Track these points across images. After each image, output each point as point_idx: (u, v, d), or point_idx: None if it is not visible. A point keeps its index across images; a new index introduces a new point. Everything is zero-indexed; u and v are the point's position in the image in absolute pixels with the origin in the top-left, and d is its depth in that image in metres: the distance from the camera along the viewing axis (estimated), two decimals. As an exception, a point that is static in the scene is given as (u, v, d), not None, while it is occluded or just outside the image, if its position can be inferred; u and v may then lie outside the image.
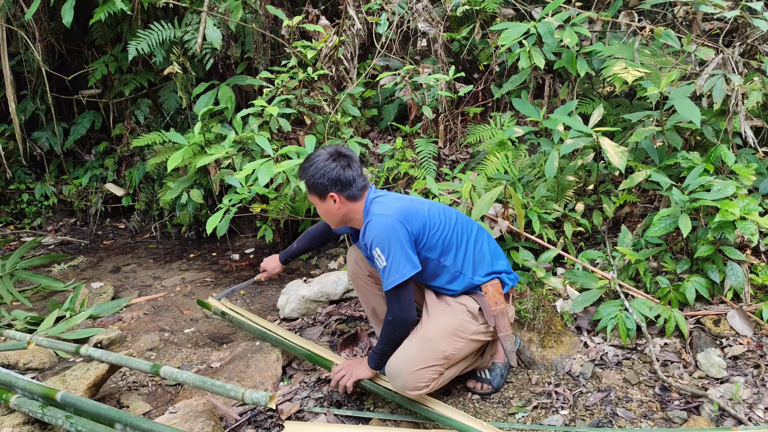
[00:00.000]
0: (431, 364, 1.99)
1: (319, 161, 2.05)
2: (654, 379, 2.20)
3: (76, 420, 1.88)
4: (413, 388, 1.98)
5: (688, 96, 2.62)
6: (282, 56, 4.12)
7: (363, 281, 2.36)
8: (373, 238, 1.97)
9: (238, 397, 1.92)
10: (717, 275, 2.45)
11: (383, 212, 2.00)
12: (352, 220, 2.15)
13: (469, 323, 2.07)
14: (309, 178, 2.07)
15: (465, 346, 2.06)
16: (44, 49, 4.80)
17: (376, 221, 1.99)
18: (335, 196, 2.05)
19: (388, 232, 1.96)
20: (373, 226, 1.99)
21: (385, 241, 1.95)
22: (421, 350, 2.01)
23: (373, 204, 2.07)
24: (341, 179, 2.04)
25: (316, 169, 2.04)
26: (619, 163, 2.62)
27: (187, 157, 3.71)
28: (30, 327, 3.01)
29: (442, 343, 2.02)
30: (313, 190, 2.08)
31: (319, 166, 2.04)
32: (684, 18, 3.15)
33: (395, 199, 2.10)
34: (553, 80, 3.48)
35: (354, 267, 2.38)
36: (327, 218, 2.17)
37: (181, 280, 3.88)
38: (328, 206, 2.09)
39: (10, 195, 5.33)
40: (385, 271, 1.95)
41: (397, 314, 1.99)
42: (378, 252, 1.96)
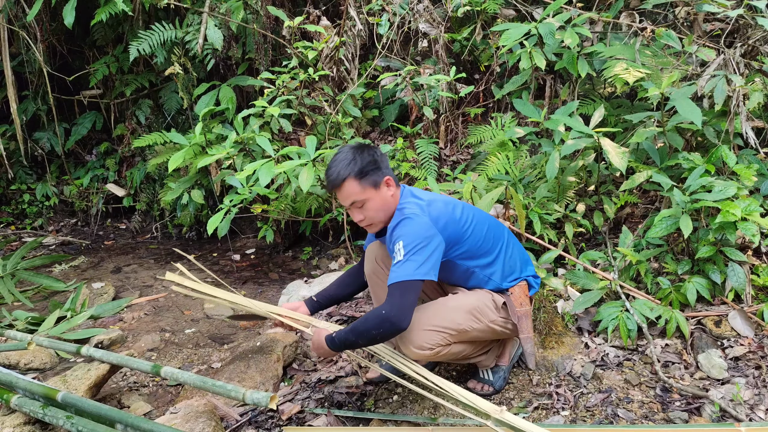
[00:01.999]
0: (443, 329, 1.96)
1: (361, 152, 1.94)
2: (655, 380, 2.19)
3: (77, 420, 1.88)
4: (418, 347, 1.94)
5: (689, 97, 2.61)
6: (283, 57, 4.12)
7: (382, 280, 2.23)
8: (402, 234, 1.89)
9: (238, 398, 1.92)
10: (718, 276, 2.45)
11: (422, 214, 1.93)
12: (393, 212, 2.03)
13: (489, 310, 2.05)
14: (363, 167, 1.92)
15: (479, 328, 2.03)
16: (46, 50, 4.80)
17: (415, 221, 1.90)
18: (390, 180, 1.97)
19: (421, 233, 1.87)
20: (409, 224, 1.90)
21: (413, 238, 1.86)
22: (437, 313, 1.98)
23: (411, 200, 1.98)
24: (387, 162, 1.98)
25: (367, 157, 1.93)
26: (620, 163, 2.61)
27: (188, 157, 3.72)
28: (31, 327, 3.01)
29: (459, 315, 1.99)
30: (367, 180, 1.93)
31: (368, 153, 1.94)
32: (685, 19, 3.15)
33: (433, 200, 2.00)
34: (554, 81, 3.48)
35: (374, 265, 2.25)
36: (380, 215, 1.99)
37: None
38: (383, 195, 1.96)
39: (12, 195, 5.34)
40: (397, 264, 1.86)
41: (392, 312, 1.81)
42: (400, 245, 1.87)
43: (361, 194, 1.94)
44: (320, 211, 3.71)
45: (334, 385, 2.39)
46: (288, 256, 4.21)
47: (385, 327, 1.82)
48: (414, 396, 2.26)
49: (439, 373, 2.40)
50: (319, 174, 3.16)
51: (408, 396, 2.27)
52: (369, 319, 1.85)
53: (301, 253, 4.14)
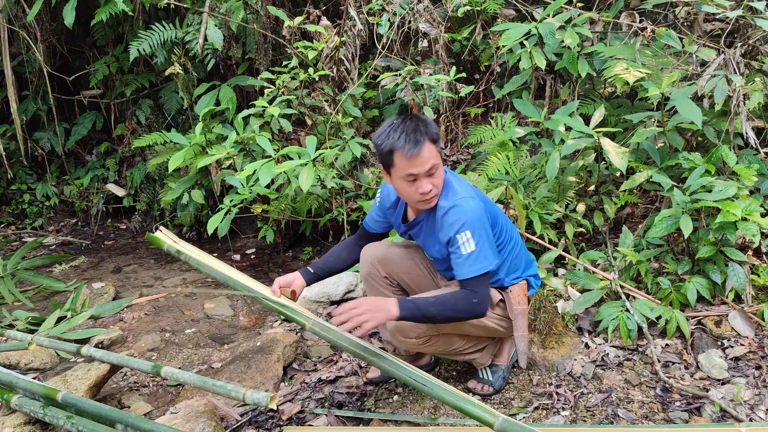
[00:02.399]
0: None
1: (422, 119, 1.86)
2: (655, 380, 2.19)
3: (77, 420, 1.88)
4: (404, 335, 1.94)
5: (689, 97, 2.61)
6: (283, 57, 4.12)
7: (378, 283, 2.21)
8: (465, 221, 1.83)
9: (239, 398, 1.92)
10: (718, 276, 2.45)
11: (472, 196, 1.90)
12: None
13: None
14: (436, 131, 1.86)
15: (471, 323, 2.01)
16: (46, 50, 4.80)
17: (468, 204, 1.85)
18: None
19: (480, 218, 1.85)
20: (464, 209, 1.84)
21: (476, 226, 1.83)
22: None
23: (452, 182, 1.93)
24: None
25: (432, 125, 1.87)
26: (620, 163, 2.61)
27: (189, 157, 3.72)
28: (31, 327, 3.01)
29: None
30: (437, 145, 1.87)
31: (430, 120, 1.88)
32: (685, 19, 3.15)
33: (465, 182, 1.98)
34: (554, 81, 3.48)
35: (369, 268, 2.19)
36: (441, 183, 1.90)
37: (182, 281, 3.89)
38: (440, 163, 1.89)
39: (12, 195, 5.34)
40: (471, 256, 1.82)
41: (481, 301, 1.83)
42: (467, 235, 1.82)
43: (437, 158, 1.85)
44: (320, 211, 3.71)
45: (335, 385, 2.39)
46: (288, 256, 4.21)
47: (472, 313, 1.84)
48: (414, 396, 2.26)
49: (439, 372, 2.40)
50: (319, 174, 3.16)
51: (408, 396, 2.27)
52: (459, 299, 1.83)
53: (302, 253, 4.14)
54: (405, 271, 2.19)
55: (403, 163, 1.81)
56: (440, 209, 1.89)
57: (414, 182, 1.85)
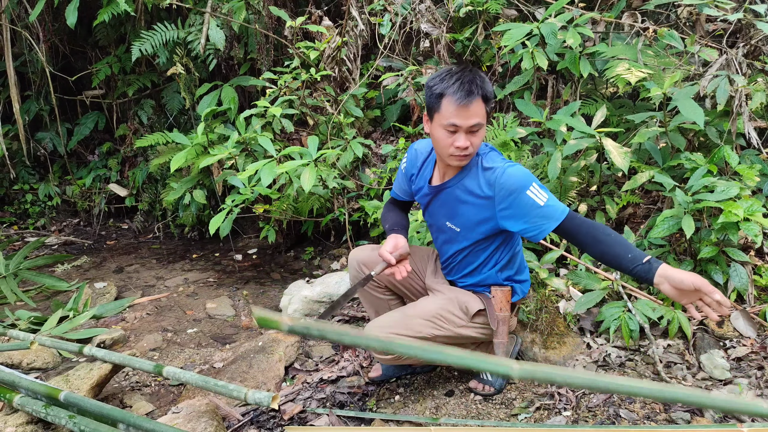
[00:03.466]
0: (400, 336, 1.92)
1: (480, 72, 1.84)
2: (657, 381, 2.19)
3: (80, 420, 1.89)
4: (378, 351, 1.93)
5: (691, 97, 2.61)
6: (285, 57, 4.12)
7: (367, 287, 2.25)
8: (525, 178, 1.82)
9: (240, 398, 1.92)
10: (720, 277, 2.45)
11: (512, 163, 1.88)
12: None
13: (456, 317, 2.03)
14: (490, 90, 1.82)
15: (443, 335, 2.00)
16: (48, 50, 4.81)
17: (519, 166, 1.85)
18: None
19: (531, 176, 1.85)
20: (519, 169, 1.84)
21: (536, 181, 1.84)
22: (398, 319, 1.98)
23: (493, 151, 1.94)
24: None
25: (489, 83, 1.84)
26: (622, 164, 2.61)
27: (190, 157, 3.72)
28: (34, 327, 3.02)
29: (418, 323, 1.97)
30: (488, 104, 1.83)
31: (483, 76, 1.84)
32: (687, 19, 3.14)
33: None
34: (556, 81, 3.47)
35: (356, 272, 2.23)
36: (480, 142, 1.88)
37: (184, 281, 3.89)
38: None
39: (14, 195, 5.35)
40: (547, 206, 1.80)
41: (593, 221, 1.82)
42: (536, 188, 1.80)
43: (484, 117, 1.82)
44: (322, 211, 3.71)
45: (336, 385, 2.39)
46: (290, 256, 4.21)
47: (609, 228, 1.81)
48: (416, 396, 2.26)
49: (441, 372, 2.40)
50: (321, 174, 3.16)
51: (410, 396, 2.27)
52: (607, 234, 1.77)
53: (303, 253, 4.14)
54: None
55: (449, 110, 1.77)
56: (488, 170, 1.87)
57: (453, 134, 1.81)
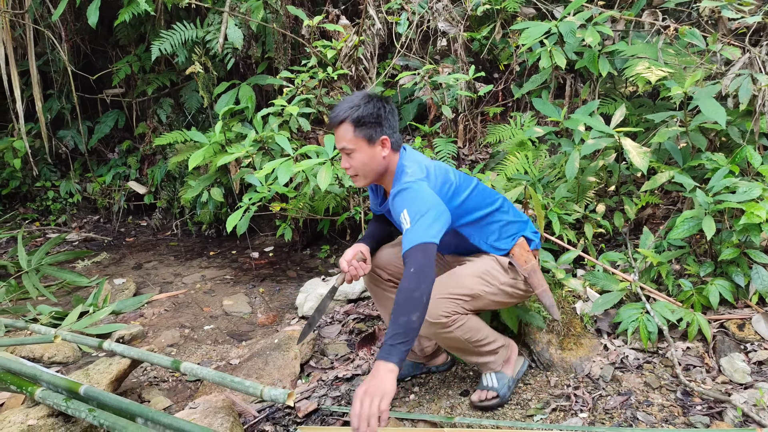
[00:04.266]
0: (456, 296, 1.92)
1: (371, 100, 1.86)
2: (675, 384, 2.17)
3: (99, 413, 1.91)
4: (434, 317, 1.88)
5: (713, 96, 2.57)
6: (302, 56, 4.14)
7: (382, 287, 2.24)
8: (407, 202, 1.82)
9: (256, 394, 1.94)
10: (742, 279, 2.41)
11: (424, 180, 1.88)
12: (384, 177, 1.99)
13: (499, 273, 2.03)
14: (363, 116, 1.84)
15: (491, 291, 2.00)
16: (70, 50, 4.89)
17: (418, 189, 1.84)
18: (387, 140, 1.89)
19: (425, 200, 1.81)
20: (412, 192, 1.83)
21: (418, 205, 1.79)
22: (448, 281, 1.96)
23: (412, 164, 1.92)
24: (393, 123, 1.90)
25: (372, 108, 1.85)
26: (641, 164, 2.58)
27: (208, 155, 3.75)
28: (55, 322, 3.07)
29: (470, 280, 1.97)
30: (363, 131, 1.86)
31: (374, 105, 1.86)
32: (709, 17, 3.09)
33: (433, 164, 1.97)
34: (574, 80, 3.44)
35: (372, 276, 2.23)
36: (365, 170, 1.93)
37: (201, 278, 3.93)
38: (374, 153, 1.89)
39: (36, 192, 5.45)
40: (408, 230, 1.76)
41: (421, 266, 1.68)
42: (405, 214, 1.79)
43: (352, 143, 1.88)
44: (338, 209, 3.72)
45: (351, 383, 2.40)
46: (306, 255, 4.23)
47: (424, 282, 1.66)
48: (431, 395, 2.26)
49: (456, 372, 2.39)
50: (338, 173, 3.17)
51: (425, 395, 2.27)
52: (405, 288, 1.64)
53: (319, 252, 4.16)
54: (391, 262, 2.21)
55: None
56: (391, 195, 1.92)
57: (341, 153, 1.95)
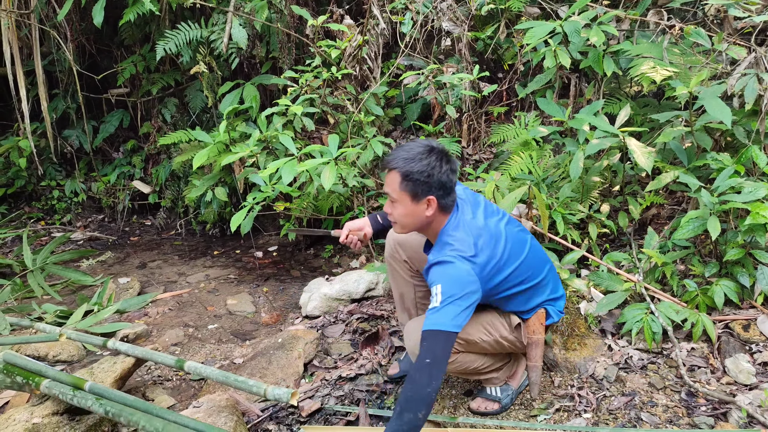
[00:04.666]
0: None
1: (430, 157, 1.78)
2: (680, 384, 2.16)
3: (106, 402, 1.92)
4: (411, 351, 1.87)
5: (718, 96, 2.56)
6: (306, 56, 4.15)
7: (398, 265, 2.24)
8: (444, 279, 1.75)
9: (260, 393, 1.94)
10: (747, 279, 2.39)
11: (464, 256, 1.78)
12: (426, 230, 1.92)
13: (503, 327, 2.02)
14: (413, 172, 1.77)
15: (488, 341, 2.01)
16: (75, 49, 4.91)
17: (458, 269, 1.75)
18: (433, 201, 1.81)
19: (462, 284, 1.74)
20: (451, 270, 1.76)
21: (453, 288, 1.73)
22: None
23: (461, 234, 1.82)
24: (447, 184, 1.81)
25: (426, 166, 1.77)
26: (646, 164, 2.57)
27: (213, 155, 3.76)
28: (59, 320, 3.08)
29: (471, 327, 1.95)
30: (410, 187, 1.79)
31: (430, 163, 1.77)
32: (715, 16, 3.08)
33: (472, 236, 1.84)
34: (578, 80, 3.43)
35: (391, 251, 2.23)
36: (404, 220, 1.87)
37: (205, 277, 3.94)
38: (417, 210, 1.82)
39: (42, 191, 5.47)
40: (435, 310, 1.71)
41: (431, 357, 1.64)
42: (438, 289, 1.73)
43: (396, 193, 1.83)
44: (342, 209, 3.73)
45: (355, 383, 2.40)
46: (309, 254, 4.23)
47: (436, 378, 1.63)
48: (434, 395, 2.25)
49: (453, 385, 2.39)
50: (341, 172, 3.17)
51: (428, 395, 2.26)
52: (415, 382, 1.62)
53: (323, 251, 4.16)
54: (424, 259, 2.14)
55: None
56: (429, 261, 1.83)
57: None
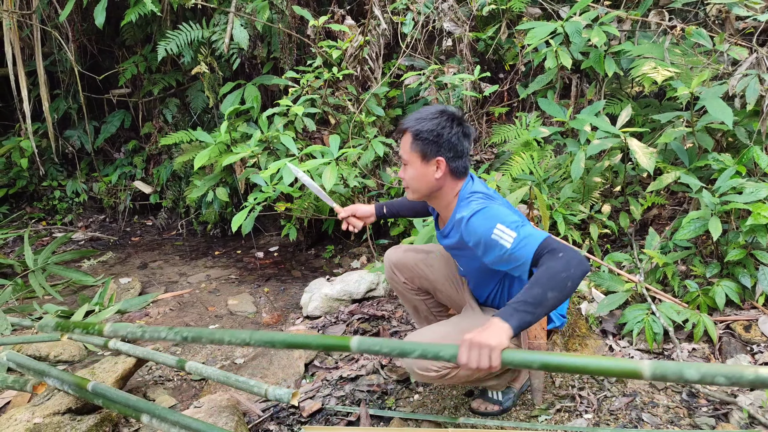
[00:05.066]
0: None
1: (441, 118, 1.76)
2: (681, 385, 2.15)
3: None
4: (423, 368, 1.79)
5: (720, 96, 2.56)
6: (307, 56, 4.15)
7: (400, 287, 2.25)
8: (486, 228, 1.63)
9: (261, 394, 1.95)
10: (748, 280, 2.39)
11: (492, 199, 1.76)
12: (438, 199, 1.86)
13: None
14: (423, 131, 1.75)
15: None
16: (77, 50, 4.92)
17: (491, 208, 1.67)
18: (442, 162, 1.76)
19: (505, 212, 1.66)
20: (486, 210, 1.67)
21: (509, 216, 1.63)
22: (448, 332, 1.85)
23: (475, 192, 1.78)
24: (457, 147, 1.77)
25: (436, 125, 1.74)
26: (647, 164, 2.57)
27: (214, 155, 3.77)
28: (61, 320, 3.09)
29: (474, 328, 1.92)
30: (419, 146, 1.76)
31: (440, 123, 1.75)
32: (716, 17, 3.08)
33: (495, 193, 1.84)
34: (580, 80, 3.43)
35: (390, 273, 2.24)
36: (414, 184, 1.83)
37: (206, 277, 3.94)
38: (426, 172, 1.78)
39: (43, 192, 5.48)
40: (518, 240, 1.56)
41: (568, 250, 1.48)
42: (501, 228, 1.59)
43: (407, 154, 1.80)
44: (343, 209, 3.73)
45: (356, 383, 2.40)
46: (310, 254, 4.23)
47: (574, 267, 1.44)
48: (435, 395, 2.25)
49: (454, 385, 2.38)
50: (342, 173, 3.18)
51: (429, 395, 2.26)
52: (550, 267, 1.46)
53: (324, 252, 4.16)
54: (423, 276, 2.17)
55: None
56: (461, 220, 1.74)
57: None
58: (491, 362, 1.36)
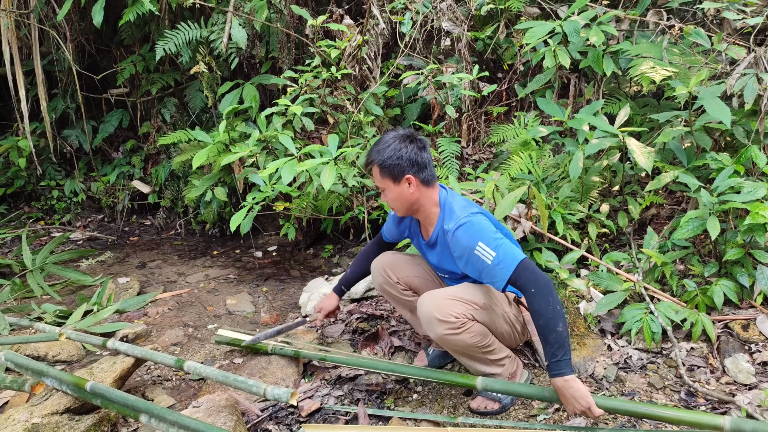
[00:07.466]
0: (467, 301, 1.98)
1: (395, 142, 2.01)
2: (679, 384, 2.16)
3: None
4: (443, 315, 1.93)
5: (718, 96, 2.56)
6: (306, 55, 4.15)
7: (393, 289, 2.34)
8: (478, 236, 1.90)
9: (260, 393, 1.94)
10: (746, 279, 2.40)
11: (474, 212, 1.99)
12: (420, 209, 2.10)
13: (503, 301, 2.11)
14: (385, 159, 2.00)
15: (498, 312, 2.07)
16: (75, 49, 4.91)
17: (479, 222, 1.94)
18: (411, 178, 2.01)
19: (487, 227, 1.93)
20: (476, 226, 1.93)
21: (489, 235, 1.90)
22: (459, 289, 2.04)
23: (453, 203, 2.04)
24: (418, 161, 2.00)
25: (394, 150, 1.99)
26: (645, 163, 2.57)
27: (212, 155, 3.76)
28: (59, 320, 3.08)
29: (480, 293, 2.03)
30: (387, 172, 2.01)
31: (396, 147, 1.99)
32: (714, 16, 3.08)
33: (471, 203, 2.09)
34: (578, 80, 3.44)
35: (382, 278, 2.34)
36: (397, 204, 2.08)
37: (204, 277, 3.94)
38: (401, 190, 2.03)
39: (41, 191, 5.47)
40: (497, 259, 1.84)
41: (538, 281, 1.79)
42: (481, 248, 1.87)
43: (380, 183, 2.05)
44: (341, 209, 3.73)
45: (354, 383, 2.40)
46: (309, 254, 4.23)
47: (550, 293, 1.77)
48: (434, 395, 2.26)
49: (459, 372, 2.39)
50: (341, 172, 3.18)
51: (427, 395, 2.27)
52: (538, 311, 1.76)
53: (322, 251, 4.16)
54: (413, 275, 2.35)
55: None
56: (447, 232, 2.01)
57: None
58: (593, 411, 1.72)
